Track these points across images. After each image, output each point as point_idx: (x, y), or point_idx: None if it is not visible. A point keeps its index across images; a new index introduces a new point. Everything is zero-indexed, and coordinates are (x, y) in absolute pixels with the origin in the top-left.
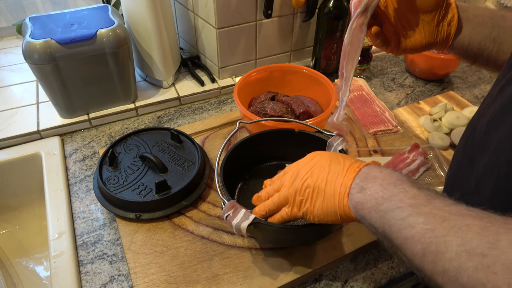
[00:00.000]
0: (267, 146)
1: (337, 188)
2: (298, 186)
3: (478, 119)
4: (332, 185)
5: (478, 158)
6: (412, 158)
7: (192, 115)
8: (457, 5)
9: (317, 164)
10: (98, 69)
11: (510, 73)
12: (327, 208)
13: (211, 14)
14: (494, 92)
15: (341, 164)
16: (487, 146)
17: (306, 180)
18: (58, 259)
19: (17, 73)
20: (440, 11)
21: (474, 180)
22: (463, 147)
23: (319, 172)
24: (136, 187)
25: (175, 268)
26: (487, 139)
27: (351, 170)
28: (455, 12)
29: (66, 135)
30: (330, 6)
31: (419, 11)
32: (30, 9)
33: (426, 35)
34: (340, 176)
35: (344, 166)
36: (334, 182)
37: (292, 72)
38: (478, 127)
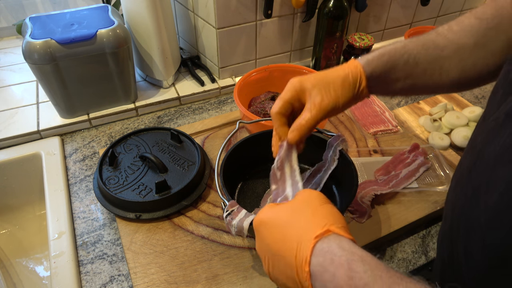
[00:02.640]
0: (267, 146)
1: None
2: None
3: (482, 144)
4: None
5: (484, 192)
6: (412, 158)
7: (192, 115)
8: (363, 67)
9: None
10: (98, 69)
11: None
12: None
13: (211, 14)
14: (500, 117)
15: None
16: (495, 183)
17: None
18: (58, 259)
19: (17, 73)
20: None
21: (484, 216)
22: (467, 172)
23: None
24: (136, 187)
25: (175, 268)
26: (494, 176)
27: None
28: (363, 85)
29: (66, 135)
30: (330, 6)
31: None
32: (30, 9)
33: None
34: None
35: (291, 254)
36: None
37: (292, 72)
38: (485, 155)
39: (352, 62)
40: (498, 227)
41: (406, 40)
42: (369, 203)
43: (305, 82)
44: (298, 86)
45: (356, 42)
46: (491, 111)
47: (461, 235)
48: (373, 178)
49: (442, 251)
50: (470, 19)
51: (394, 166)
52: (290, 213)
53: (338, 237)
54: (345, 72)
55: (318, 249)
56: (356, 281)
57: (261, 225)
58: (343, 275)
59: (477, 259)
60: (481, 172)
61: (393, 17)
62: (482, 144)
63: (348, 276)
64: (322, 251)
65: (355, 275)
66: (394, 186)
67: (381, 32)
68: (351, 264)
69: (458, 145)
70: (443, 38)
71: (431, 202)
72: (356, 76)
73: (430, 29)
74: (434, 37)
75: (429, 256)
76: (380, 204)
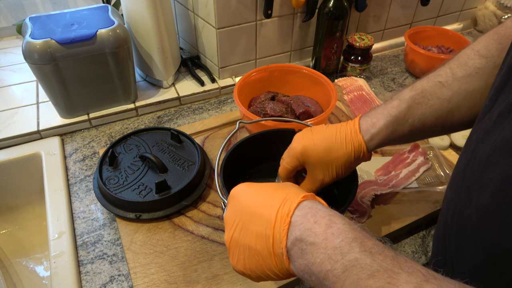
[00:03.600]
0: (267, 146)
1: (270, 248)
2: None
3: (476, 143)
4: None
5: (476, 191)
6: (412, 158)
7: (192, 115)
8: (363, 134)
9: (240, 219)
10: (98, 69)
11: (510, 98)
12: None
13: (211, 14)
14: (493, 116)
15: (265, 218)
16: (486, 183)
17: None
18: (58, 259)
19: (17, 73)
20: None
21: (475, 215)
22: (462, 170)
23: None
24: (136, 187)
25: (175, 268)
26: (486, 175)
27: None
28: (365, 156)
29: (66, 135)
30: (330, 6)
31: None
32: (30, 9)
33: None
34: (268, 229)
35: (270, 218)
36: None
37: (292, 72)
38: (477, 154)
39: (356, 137)
40: (489, 227)
41: (409, 97)
42: (369, 203)
43: (308, 156)
44: (302, 158)
45: (356, 42)
46: (485, 109)
47: (454, 232)
48: (373, 178)
49: (435, 248)
50: (475, 60)
51: (394, 166)
52: (272, 185)
53: (321, 202)
54: (348, 151)
55: (302, 205)
56: (334, 229)
57: (241, 191)
58: (323, 224)
59: (468, 257)
60: (474, 171)
61: (393, 17)
62: (476, 143)
63: (327, 225)
64: (306, 206)
65: (334, 225)
66: (394, 186)
67: (381, 32)
68: (332, 217)
69: (458, 145)
70: (448, 89)
71: (431, 202)
72: (359, 155)
73: (430, 29)
74: (439, 90)
75: (429, 256)
76: (380, 204)
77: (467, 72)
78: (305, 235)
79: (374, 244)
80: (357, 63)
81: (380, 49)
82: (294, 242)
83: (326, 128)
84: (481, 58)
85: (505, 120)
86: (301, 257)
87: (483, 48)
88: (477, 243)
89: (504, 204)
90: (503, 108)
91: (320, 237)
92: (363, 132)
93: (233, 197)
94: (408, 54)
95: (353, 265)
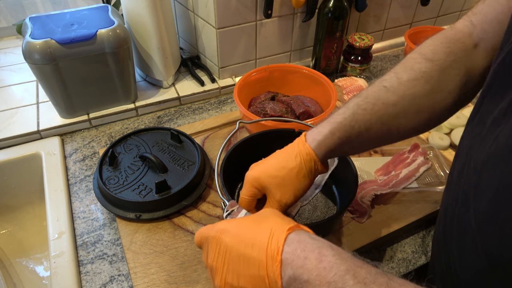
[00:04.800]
0: (267, 146)
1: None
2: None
3: (469, 147)
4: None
5: (473, 197)
6: (412, 158)
7: (192, 115)
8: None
9: (229, 255)
10: (98, 69)
11: (504, 103)
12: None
13: (211, 14)
14: (487, 121)
15: (255, 254)
16: (483, 190)
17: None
18: (58, 259)
19: (17, 73)
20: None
21: (474, 221)
22: (458, 175)
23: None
24: (136, 187)
25: (175, 268)
26: (482, 182)
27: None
28: (319, 169)
29: (66, 135)
30: (330, 6)
31: None
32: (30, 9)
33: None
34: (261, 268)
35: (258, 257)
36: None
37: (292, 72)
38: (472, 160)
39: (303, 147)
40: (489, 233)
41: (354, 103)
42: (369, 203)
43: (262, 178)
44: (256, 183)
45: (356, 42)
46: (474, 110)
47: (454, 237)
48: (373, 178)
49: (437, 251)
50: (421, 63)
51: (394, 166)
52: (253, 219)
53: (306, 231)
54: (298, 162)
55: (290, 239)
56: (325, 263)
57: (223, 232)
58: (313, 258)
59: (470, 262)
60: (470, 177)
61: (393, 17)
62: (469, 148)
63: (318, 260)
64: (294, 240)
65: (324, 258)
66: (394, 186)
67: (381, 32)
68: (321, 249)
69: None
70: (393, 93)
71: (431, 202)
72: (310, 165)
73: (430, 29)
74: (383, 95)
75: (429, 257)
76: (380, 204)
77: (413, 76)
78: (298, 273)
79: (367, 273)
80: (357, 63)
81: (380, 49)
82: (289, 282)
83: (277, 151)
84: (427, 61)
85: (498, 127)
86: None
87: (430, 52)
88: (478, 249)
89: (502, 211)
90: (497, 114)
91: (313, 273)
92: (309, 141)
93: (214, 239)
94: (408, 54)
95: None
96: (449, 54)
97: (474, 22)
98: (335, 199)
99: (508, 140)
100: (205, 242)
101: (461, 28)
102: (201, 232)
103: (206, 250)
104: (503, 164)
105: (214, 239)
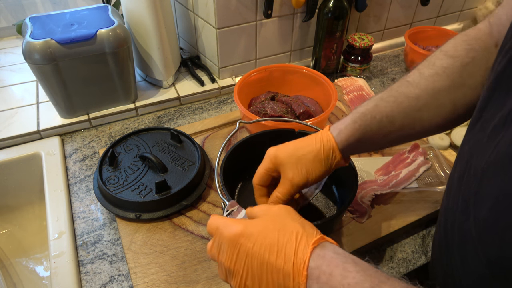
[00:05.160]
0: (267, 146)
1: None
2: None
3: (470, 154)
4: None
5: (473, 205)
6: (412, 158)
7: (192, 115)
8: (336, 138)
9: (251, 262)
10: (98, 69)
11: (504, 110)
12: None
13: (211, 14)
14: (488, 128)
15: (280, 263)
16: (483, 198)
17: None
18: (58, 259)
19: (17, 73)
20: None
21: (475, 229)
22: (458, 181)
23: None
24: (136, 187)
25: (175, 268)
26: (482, 190)
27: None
28: (337, 158)
29: (66, 135)
30: (330, 6)
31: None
32: (30, 9)
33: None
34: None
35: (284, 267)
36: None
37: (292, 72)
38: (472, 168)
39: (325, 134)
40: (490, 242)
41: (378, 97)
42: (369, 203)
43: (280, 155)
44: (274, 159)
45: (356, 42)
46: (475, 118)
47: (456, 244)
48: (373, 178)
49: (439, 255)
50: (442, 59)
51: (394, 166)
52: (274, 224)
53: (331, 244)
54: (317, 147)
55: (315, 254)
56: (349, 279)
57: (242, 236)
58: (338, 275)
59: (472, 268)
60: (470, 184)
61: (393, 17)
62: (470, 155)
63: (342, 276)
64: (319, 255)
65: (348, 274)
66: (394, 186)
67: (381, 32)
68: (345, 265)
69: (458, 145)
70: (415, 87)
71: (431, 202)
72: (329, 151)
73: (430, 29)
74: (406, 89)
75: (429, 256)
76: (380, 204)
77: (434, 71)
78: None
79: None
80: (357, 63)
81: (380, 49)
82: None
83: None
84: (448, 58)
85: (498, 135)
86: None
87: (452, 48)
88: (480, 256)
89: (502, 220)
90: (497, 122)
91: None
92: (332, 129)
93: (231, 241)
94: (408, 54)
95: None
96: (470, 51)
97: (492, 23)
98: (335, 199)
99: (509, 148)
100: (217, 238)
101: (482, 28)
102: (214, 225)
103: (218, 247)
104: (503, 173)
105: (232, 241)
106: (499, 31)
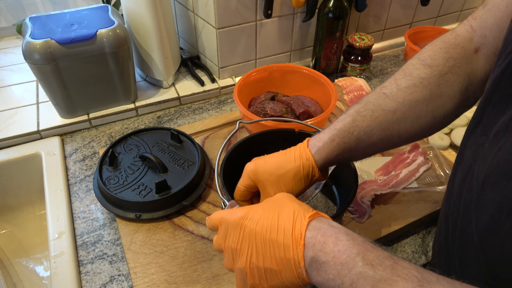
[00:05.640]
0: (267, 146)
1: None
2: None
3: (472, 160)
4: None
5: (474, 211)
6: (412, 158)
7: (192, 115)
8: (313, 155)
9: (253, 239)
10: (98, 69)
11: (506, 116)
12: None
13: (211, 14)
14: (490, 133)
15: (281, 234)
16: (485, 204)
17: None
18: (58, 259)
19: (17, 73)
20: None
21: (476, 235)
22: (459, 187)
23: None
24: (136, 187)
25: (175, 268)
26: (484, 196)
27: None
28: (316, 176)
29: (66, 135)
30: (330, 6)
31: None
32: (30, 9)
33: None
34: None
35: (285, 237)
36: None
37: (292, 72)
38: (474, 173)
39: (304, 151)
40: (491, 249)
41: (354, 110)
42: (369, 203)
43: (259, 173)
44: (253, 176)
45: (356, 42)
46: (474, 121)
47: (456, 249)
48: (373, 178)
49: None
50: (419, 69)
51: (394, 166)
52: (273, 206)
53: (326, 218)
54: (297, 164)
55: (311, 226)
56: (340, 246)
57: (245, 219)
58: (331, 242)
59: (473, 273)
60: (471, 190)
61: (393, 17)
62: (472, 160)
63: (334, 243)
64: (315, 227)
65: (339, 242)
66: (394, 186)
67: (381, 32)
68: (338, 235)
69: (458, 145)
70: (392, 100)
71: (431, 202)
72: (308, 169)
73: (430, 29)
74: (382, 102)
75: (429, 256)
76: (380, 204)
77: (412, 82)
78: (317, 256)
79: (375, 256)
80: (357, 63)
81: (380, 49)
82: (310, 263)
83: (280, 151)
84: (426, 67)
85: (500, 140)
86: (318, 275)
87: (429, 57)
88: (481, 262)
89: (504, 227)
90: (499, 127)
91: (329, 255)
92: (310, 147)
93: (236, 224)
94: (408, 54)
95: (358, 278)
96: (448, 60)
97: (474, 27)
98: (335, 199)
99: (511, 155)
100: (223, 226)
101: (462, 33)
102: (218, 216)
103: (224, 234)
104: (506, 180)
105: (237, 224)
106: (484, 35)
